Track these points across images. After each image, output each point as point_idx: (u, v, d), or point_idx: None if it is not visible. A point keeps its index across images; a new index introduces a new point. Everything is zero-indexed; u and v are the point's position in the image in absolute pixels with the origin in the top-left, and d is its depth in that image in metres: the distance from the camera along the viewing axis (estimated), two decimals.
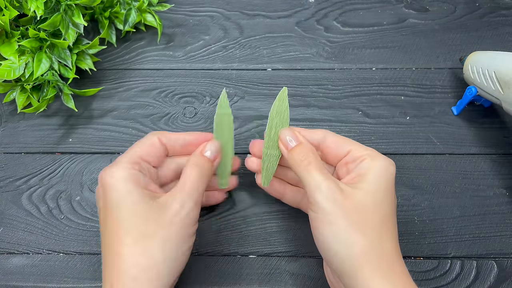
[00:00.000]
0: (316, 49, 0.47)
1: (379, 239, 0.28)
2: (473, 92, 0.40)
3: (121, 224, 0.28)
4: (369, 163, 0.30)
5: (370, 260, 0.27)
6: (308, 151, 0.31)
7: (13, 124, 0.44)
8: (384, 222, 0.29)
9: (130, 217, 0.29)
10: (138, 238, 0.28)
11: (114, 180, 0.29)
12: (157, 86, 0.45)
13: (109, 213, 0.29)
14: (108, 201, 0.29)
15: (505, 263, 0.37)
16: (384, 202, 0.29)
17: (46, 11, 0.39)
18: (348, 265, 0.27)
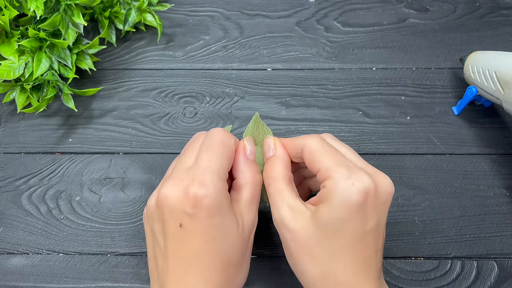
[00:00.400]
0: (316, 49, 0.47)
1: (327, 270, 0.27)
2: (473, 92, 0.40)
3: (210, 250, 0.27)
4: (328, 191, 0.27)
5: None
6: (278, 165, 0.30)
7: (13, 124, 0.43)
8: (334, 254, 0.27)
9: (220, 244, 0.27)
10: (225, 265, 0.28)
11: (214, 205, 0.27)
12: (157, 86, 0.45)
13: (198, 234, 0.27)
14: (201, 221, 0.27)
15: (506, 263, 0.37)
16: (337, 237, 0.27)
17: (46, 11, 0.39)
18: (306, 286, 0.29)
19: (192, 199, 0.26)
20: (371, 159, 0.41)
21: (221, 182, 0.28)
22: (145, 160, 0.42)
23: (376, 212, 0.27)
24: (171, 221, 0.27)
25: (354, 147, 0.42)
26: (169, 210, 0.27)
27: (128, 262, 0.37)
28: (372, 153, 0.41)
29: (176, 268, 0.27)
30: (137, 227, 0.39)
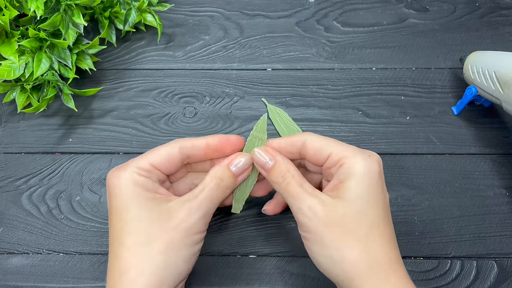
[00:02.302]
0: (316, 49, 0.47)
1: (367, 248, 0.27)
2: (473, 92, 0.40)
3: (123, 226, 0.28)
4: (348, 167, 0.29)
5: (360, 272, 0.27)
6: (285, 170, 0.30)
7: (13, 124, 0.44)
8: (371, 229, 0.28)
9: (133, 220, 0.28)
10: (140, 242, 0.28)
11: (119, 182, 0.29)
12: (157, 86, 0.45)
13: (113, 214, 0.29)
14: (112, 202, 0.29)
15: (505, 263, 0.37)
16: (369, 208, 0.28)
17: (46, 11, 0.39)
18: (342, 279, 0.28)
19: (106, 183, 0.30)
20: None
21: (137, 169, 0.30)
22: None
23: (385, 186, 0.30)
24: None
25: None
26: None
27: None
28: None
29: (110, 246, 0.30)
30: None
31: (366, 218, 0.28)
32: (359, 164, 0.29)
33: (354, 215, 0.28)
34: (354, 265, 0.27)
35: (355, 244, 0.27)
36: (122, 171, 0.30)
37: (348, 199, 0.28)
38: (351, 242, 0.27)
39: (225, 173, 0.32)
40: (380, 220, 0.28)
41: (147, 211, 0.29)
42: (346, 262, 0.27)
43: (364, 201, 0.28)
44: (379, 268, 0.27)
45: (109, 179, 0.30)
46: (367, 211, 0.28)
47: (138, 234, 0.28)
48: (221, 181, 0.31)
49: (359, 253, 0.27)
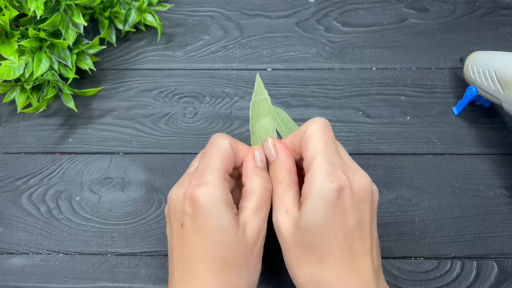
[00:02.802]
0: (316, 49, 0.47)
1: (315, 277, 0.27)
2: (473, 92, 0.40)
3: (209, 248, 0.27)
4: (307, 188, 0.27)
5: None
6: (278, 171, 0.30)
7: (13, 124, 0.43)
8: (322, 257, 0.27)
9: (219, 244, 0.27)
10: (222, 268, 0.27)
11: (209, 203, 0.27)
12: (157, 86, 0.45)
13: (197, 235, 0.27)
14: (200, 223, 0.27)
15: (506, 263, 0.37)
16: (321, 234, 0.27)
17: (46, 11, 0.39)
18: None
19: (190, 198, 0.27)
20: (371, 159, 0.41)
21: (218, 180, 0.28)
22: (145, 160, 0.42)
23: (355, 210, 0.27)
24: (174, 222, 0.29)
25: (354, 147, 0.42)
26: (173, 211, 0.29)
27: (128, 262, 0.37)
28: (372, 153, 0.41)
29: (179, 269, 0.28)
30: (137, 227, 0.39)
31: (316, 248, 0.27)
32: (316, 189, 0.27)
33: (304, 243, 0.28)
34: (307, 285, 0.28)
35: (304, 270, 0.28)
36: (212, 188, 0.27)
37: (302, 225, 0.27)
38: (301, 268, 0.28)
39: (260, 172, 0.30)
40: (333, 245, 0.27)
41: (230, 235, 0.27)
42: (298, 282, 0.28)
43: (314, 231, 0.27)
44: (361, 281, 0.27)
45: (197, 196, 0.27)
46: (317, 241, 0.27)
47: (219, 258, 0.27)
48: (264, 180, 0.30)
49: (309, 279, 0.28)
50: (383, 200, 0.39)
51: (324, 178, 0.27)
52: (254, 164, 0.30)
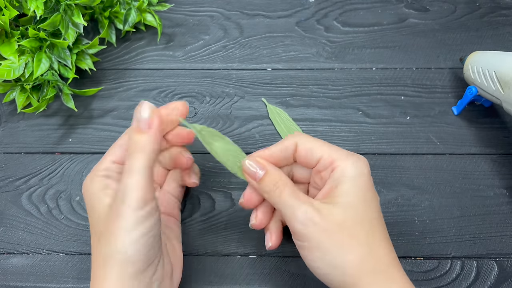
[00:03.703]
0: (316, 49, 0.47)
1: (369, 250, 0.27)
2: (473, 92, 0.40)
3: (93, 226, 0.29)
4: (341, 171, 0.29)
5: (364, 275, 0.27)
6: (277, 178, 0.30)
7: (13, 124, 0.43)
8: (370, 231, 0.28)
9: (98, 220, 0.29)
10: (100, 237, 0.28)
11: (89, 192, 0.30)
12: (157, 86, 0.45)
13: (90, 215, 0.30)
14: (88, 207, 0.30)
15: (506, 263, 0.37)
16: (367, 211, 0.28)
17: (46, 11, 0.39)
18: (344, 285, 0.27)
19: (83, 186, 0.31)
20: (371, 159, 0.41)
21: (100, 171, 0.30)
22: None
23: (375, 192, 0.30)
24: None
25: (354, 147, 0.42)
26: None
27: None
28: (372, 153, 0.42)
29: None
30: None
31: (365, 221, 0.28)
32: (351, 167, 0.29)
33: (353, 219, 0.28)
34: (358, 268, 0.27)
35: (357, 248, 0.27)
36: (89, 181, 0.30)
37: (345, 204, 0.28)
38: (353, 246, 0.27)
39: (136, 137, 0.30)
40: (377, 222, 0.29)
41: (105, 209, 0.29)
42: (349, 266, 0.27)
43: (361, 204, 0.28)
44: (382, 270, 0.27)
45: (83, 189, 0.31)
46: (365, 214, 0.28)
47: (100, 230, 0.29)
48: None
49: (362, 257, 0.27)
50: (383, 200, 0.39)
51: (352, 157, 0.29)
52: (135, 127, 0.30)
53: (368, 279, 0.27)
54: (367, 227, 0.28)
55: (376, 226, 0.28)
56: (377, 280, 0.27)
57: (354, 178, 0.28)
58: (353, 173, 0.28)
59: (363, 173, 0.29)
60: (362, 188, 0.28)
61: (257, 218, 0.33)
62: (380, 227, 0.29)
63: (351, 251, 0.27)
